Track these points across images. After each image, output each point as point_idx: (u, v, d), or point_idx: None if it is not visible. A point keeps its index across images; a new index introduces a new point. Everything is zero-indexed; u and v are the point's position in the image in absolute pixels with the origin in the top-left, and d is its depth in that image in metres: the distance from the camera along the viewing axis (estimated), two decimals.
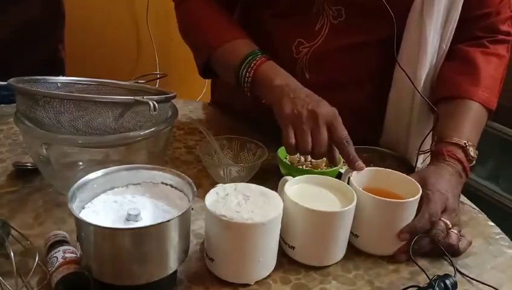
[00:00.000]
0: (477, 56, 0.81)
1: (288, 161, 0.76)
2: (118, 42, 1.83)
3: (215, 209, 0.52)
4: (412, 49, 0.79)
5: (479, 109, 0.79)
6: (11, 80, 0.63)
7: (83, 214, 0.50)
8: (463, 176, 0.72)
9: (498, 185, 1.93)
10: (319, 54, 0.82)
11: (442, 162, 0.72)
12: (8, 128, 0.87)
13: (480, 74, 0.80)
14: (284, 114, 0.68)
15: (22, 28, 1.09)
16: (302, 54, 0.82)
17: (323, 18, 0.80)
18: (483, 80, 0.80)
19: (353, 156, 0.66)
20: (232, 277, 0.55)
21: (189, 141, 0.89)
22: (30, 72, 0.69)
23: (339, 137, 0.66)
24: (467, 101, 0.79)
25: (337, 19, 0.79)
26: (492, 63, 0.82)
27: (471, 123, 0.77)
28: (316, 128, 0.66)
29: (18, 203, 0.66)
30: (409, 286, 0.56)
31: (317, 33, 0.81)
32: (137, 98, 0.60)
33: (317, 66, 0.83)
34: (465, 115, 0.78)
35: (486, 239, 0.69)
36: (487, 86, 0.80)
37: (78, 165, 0.70)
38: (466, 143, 0.73)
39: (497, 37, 0.83)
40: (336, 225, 0.57)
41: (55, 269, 0.50)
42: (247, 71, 0.74)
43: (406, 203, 0.60)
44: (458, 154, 0.72)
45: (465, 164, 0.72)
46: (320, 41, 0.81)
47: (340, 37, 0.80)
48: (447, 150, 0.73)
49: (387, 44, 0.79)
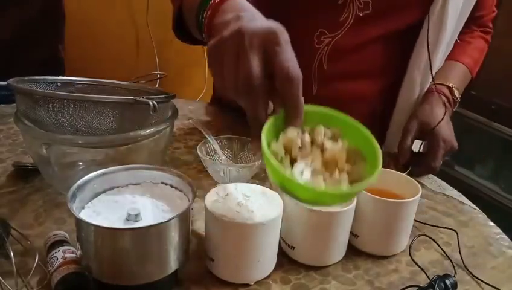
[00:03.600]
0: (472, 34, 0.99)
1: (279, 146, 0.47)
2: (118, 42, 1.84)
3: (215, 209, 0.52)
4: (430, 38, 0.86)
5: (464, 69, 0.95)
6: (11, 80, 0.63)
7: (83, 214, 0.50)
8: (448, 107, 0.88)
9: (498, 185, 1.93)
10: (341, 46, 0.82)
11: (431, 97, 0.88)
12: (8, 128, 0.87)
13: (469, 46, 0.97)
14: (208, 46, 0.49)
15: (22, 28, 1.09)
16: (323, 44, 0.82)
17: (349, 10, 0.80)
18: (471, 51, 0.97)
19: (295, 102, 0.46)
20: (232, 277, 0.55)
21: (189, 141, 0.89)
22: (30, 72, 0.69)
23: (278, 67, 0.45)
24: (455, 62, 0.95)
25: (364, 11, 0.80)
26: (481, 43, 1.00)
27: (457, 76, 0.94)
28: (241, 54, 0.45)
29: (18, 203, 0.66)
30: (408, 285, 0.56)
31: (341, 24, 0.81)
32: (137, 98, 0.60)
33: (337, 57, 0.83)
34: (452, 69, 0.94)
35: (486, 239, 0.69)
36: (473, 57, 0.97)
37: (78, 165, 0.70)
38: (452, 85, 0.90)
39: (486, 29, 1.01)
40: (335, 225, 0.57)
41: (55, 269, 0.50)
42: (204, 11, 0.56)
43: (406, 203, 0.60)
44: (444, 90, 0.89)
45: (450, 99, 0.89)
46: (343, 32, 0.81)
47: (363, 30, 0.82)
48: (436, 88, 0.88)
49: (407, 35, 0.85)
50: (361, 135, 0.51)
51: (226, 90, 0.48)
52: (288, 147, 0.48)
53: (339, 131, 0.51)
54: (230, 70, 0.46)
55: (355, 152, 0.50)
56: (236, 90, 0.46)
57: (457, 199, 0.79)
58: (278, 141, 0.48)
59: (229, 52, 0.46)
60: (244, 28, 0.46)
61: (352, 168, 0.49)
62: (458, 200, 0.78)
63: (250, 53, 0.45)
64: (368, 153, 0.50)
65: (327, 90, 0.85)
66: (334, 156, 0.48)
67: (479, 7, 0.94)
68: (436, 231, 0.68)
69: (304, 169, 0.47)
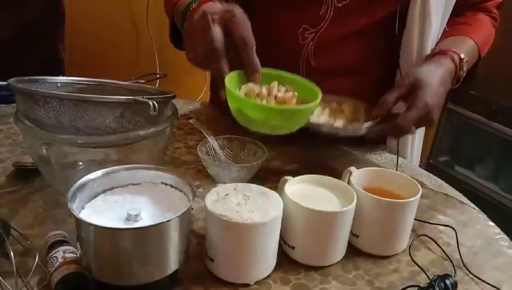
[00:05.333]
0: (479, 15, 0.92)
1: (241, 93, 0.62)
2: (118, 42, 1.84)
3: (215, 209, 0.52)
4: (416, 27, 0.83)
5: (474, 46, 0.87)
6: (11, 80, 0.63)
7: (83, 214, 0.50)
8: (452, 78, 0.79)
9: (498, 185, 1.93)
10: (325, 40, 0.82)
11: (442, 58, 0.78)
12: (8, 128, 0.87)
13: (478, 25, 0.90)
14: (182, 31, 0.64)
15: (22, 28, 1.09)
16: (308, 40, 0.82)
17: (327, 1, 0.80)
18: (481, 31, 0.89)
19: (251, 61, 0.61)
20: (232, 277, 0.55)
21: (189, 141, 0.89)
22: (30, 72, 0.69)
23: (236, 34, 0.60)
24: (465, 37, 0.87)
25: (342, 1, 0.80)
26: (488, 23, 0.92)
27: (468, 50, 0.84)
28: (206, 28, 0.60)
29: (18, 203, 0.66)
30: (408, 285, 0.56)
31: (322, 18, 0.81)
32: (137, 98, 0.60)
33: (322, 52, 0.83)
34: (463, 42, 0.86)
35: (486, 239, 0.69)
36: (483, 36, 0.89)
37: (78, 165, 0.70)
38: (463, 57, 0.80)
39: (491, 14, 0.94)
40: (336, 225, 0.57)
41: (55, 269, 0.50)
42: (185, 16, 0.69)
43: (406, 203, 0.60)
44: (455, 59, 0.79)
45: (458, 71, 0.79)
46: (325, 25, 0.81)
47: (345, 21, 0.81)
48: (449, 52, 0.79)
49: (391, 24, 0.82)
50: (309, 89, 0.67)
51: (197, 60, 0.62)
52: (248, 94, 0.63)
53: (292, 87, 0.67)
54: (199, 42, 0.60)
55: (304, 100, 0.66)
56: (204, 55, 0.60)
57: (457, 198, 0.79)
58: (240, 90, 0.63)
59: (198, 28, 0.61)
60: (206, 9, 0.61)
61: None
62: (458, 200, 0.78)
63: (212, 25, 0.60)
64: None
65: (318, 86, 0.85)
66: (285, 99, 0.64)
67: None
68: (436, 231, 0.69)
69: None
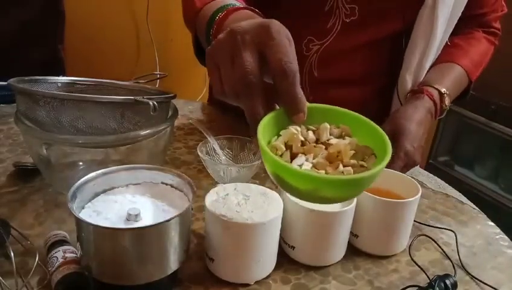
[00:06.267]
0: (475, 34, 0.93)
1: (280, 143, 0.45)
2: (118, 42, 1.84)
3: (215, 209, 0.52)
4: (421, 41, 0.84)
5: (462, 73, 0.89)
6: (11, 80, 0.63)
7: (83, 214, 0.50)
8: (433, 115, 0.82)
9: (498, 185, 1.93)
10: (330, 52, 0.82)
11: (418, 100, 0.81)
12: (8, 128, 0.87)
13: (470, 48, 0.91)
14: (206, 53, 0.49)
15: (22, 28, 1.09)
16: (312, 52, 0.83)
17: (336, 16, 0.80)
18: (472, 53, 0.91)
19: (293, 96, 0.44)
20: (232, 277, 0.55)
21: (189, 141, 0.89)
22: (30, 72, 0.69)
23: (272, 62, 0.44)
24: (453, 64, 0.89)
25: (350, 17, 0.80)
26: (484, 44, 0.93)
27: (452, 80, 0.87)
28: (235, 54, 0.45)
29: (18, 203, 0.66)
30: (408, 286, 0.56)
31: (329, 31, 0.81)
32: (137, 98, 0.60)
33: (326, 64, 0.83)
34: (449, 72, 0.88)
35: (486, 239, 0.69)
36: (473, 59, 0.91)
37: (78, 165, 0.70)
38: (444, 91, 0.83)
39: (490, 29, 0.95)
40: (336, 225, 0.57)
41: (55, 269, 0.50)
42: (211, 29, 0.59)
43: (406, 203, 0.60)
44: (434, 96, 0.82)
45: (438, 106, 0.82)
46: (331, 39, 0.81)
47: (351, 36, 0.82)
48: (426, 90, 0.82)
49: (396, 39, 0.83)
50: (372, 132, 0.47)
51: (225, 95, 0.47)
52: (290, 143, 0.45)
53: (349, 129, 0.48)
54: (227, 70, 0.46)
55: (364, 149, 0.46)
56: (234, 91, 0.45)
57: (457, 198, 0.79)
58: (279, 137, 0.46)
59: (224, 54, 0.46)
60: (235, 28, 0.46)
61: (359, 165, 0.44)
62: (458, 200, 0.78)
63: (243, 50, 0.44)
64: (378, 150, 0.46)
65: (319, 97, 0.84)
66: (339, 151, 0.44)
67: (478, 5, 0.91)
68: (436, 230, 0.69)
69: (304, 163, 0.43)
